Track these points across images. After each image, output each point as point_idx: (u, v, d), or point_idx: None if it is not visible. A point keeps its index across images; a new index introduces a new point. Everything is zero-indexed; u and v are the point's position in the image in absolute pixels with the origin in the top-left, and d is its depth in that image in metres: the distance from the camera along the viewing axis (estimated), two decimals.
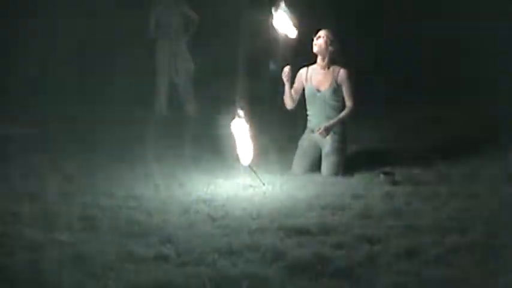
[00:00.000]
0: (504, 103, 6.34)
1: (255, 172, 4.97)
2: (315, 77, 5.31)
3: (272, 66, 5.10)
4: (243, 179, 5.02)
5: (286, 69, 5.25)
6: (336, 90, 5.25)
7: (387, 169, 5.12)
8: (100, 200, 4.52)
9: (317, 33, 5.28)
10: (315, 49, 5.27)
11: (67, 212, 4.25)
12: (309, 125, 5.40)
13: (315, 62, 5.33)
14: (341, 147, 5.25)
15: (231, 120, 4.91)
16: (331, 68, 5.28)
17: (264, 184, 4.91)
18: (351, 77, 5.26)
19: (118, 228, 3.93)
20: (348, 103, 5.26)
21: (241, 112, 4.89)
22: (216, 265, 3.37)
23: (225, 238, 3.74)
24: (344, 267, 3.31)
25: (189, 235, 3.80)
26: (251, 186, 4.90)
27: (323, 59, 5.28)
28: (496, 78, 6.81)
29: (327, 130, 5.18)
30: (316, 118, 5.33)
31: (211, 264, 3.39)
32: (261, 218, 4.16)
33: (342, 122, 5.25)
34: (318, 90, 5.28)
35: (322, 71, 5.30)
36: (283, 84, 5.30)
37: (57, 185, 4.89)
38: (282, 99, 5.40)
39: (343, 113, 5.25)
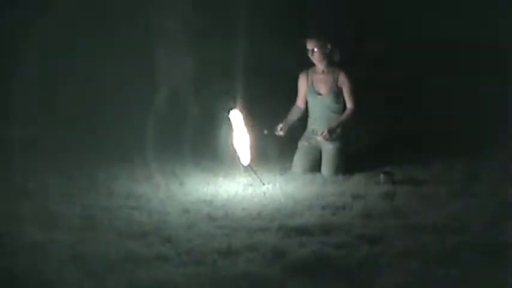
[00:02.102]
0: (504, 102, 6.33)
1: (255, 172, 4.98)
2: (316, 80, 5.32)
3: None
4: (243, 179, 5.03)
5: (281, 127, 5.24)
6: (337, 93, 5.26)
7: (387, 169, 5.12)
8: (100, 200, 4.53)
9: (309, 43, 5.23)
10: (312, 59, 5.25)
11: (67, 212, 4.25)
12: (310, 125, 5.40)
13: (313, 64, 5.32)
14: (341, 147, 5.25)
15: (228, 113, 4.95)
16: (331, 70, 5.28)
17: (264, 184, 4.91)
18: (350, 78, 5.26)
19: (118, 228, 3.94)
20: (349, 104, 5.26)
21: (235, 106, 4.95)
22: (216, 265, 3.37)
23: (225, 238, 3.74)
24: (344, 267, 3.32)
25: (189, 235, 3.80)
26: (251, 186, 4.91)
27: (322, 63, 5.27)
28: (496, 78, 6.80)
29: (330, 132, 5.17)
30: (317, 120, 5.34)
31: (211, 264, 3.39)
32: (261, 218, 4.16)
33: (344, 123, 5.25)
34: (319, 94, 5.29)
35: (322, 74, 5.30)
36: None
37: (57, 185, 4.89)
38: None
39: (344, 115, 5.26)
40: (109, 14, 7.34)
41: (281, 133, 5.25)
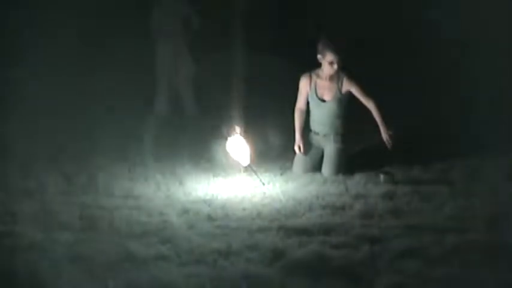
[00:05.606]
0: (504, 102, 6.33)
1: (255, 172, 4.98)
2: (319, 86, 5.27)
3: None
4: (243, 179, 5.02)
5: (299, 146, 5.27)
6: (341, 99, 5.23)
7: (387, 169, 5.12)
8: (100, 200, 4.53)
9: (331, 55, 5.14)
10: (326, 68, 5.19)
11: (67, 212, 4.25)
12: (311, 126, 5.39)
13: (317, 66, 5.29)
14: (342, 148, 5.25)
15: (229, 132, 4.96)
16: (334, 76, 5.22)
17: (264, 184, 4.91)
18: (355, 79, 5.21)
19: (118, 228, 3.94)
20: (369, 102, 5.18)
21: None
22: (216, 265, 3.38)
23: (225, 238, 3.74)
24: (344, 267, 3.32)
25: (189, 235, 3.80)
26: (251, 186, 4.91)
27: (332, 73, 5.21)
28: (497, 77, 6.80)
29: (391, 136, 5.14)
30: (320, 123, 5.32)
31: (211, 264, 3.39)
32: (261, 218, 4.16)
33: (383, 119, 5.19)
34: (323, 100, 5.27)
35: (326, 80, 5.25)
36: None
37: (57, 185, 4.89)
38: (292, 110, 5.41)
39: (376, 113, 5.16)
40: (109, 12, 7.36)
41: (302, 152, 5.27)
